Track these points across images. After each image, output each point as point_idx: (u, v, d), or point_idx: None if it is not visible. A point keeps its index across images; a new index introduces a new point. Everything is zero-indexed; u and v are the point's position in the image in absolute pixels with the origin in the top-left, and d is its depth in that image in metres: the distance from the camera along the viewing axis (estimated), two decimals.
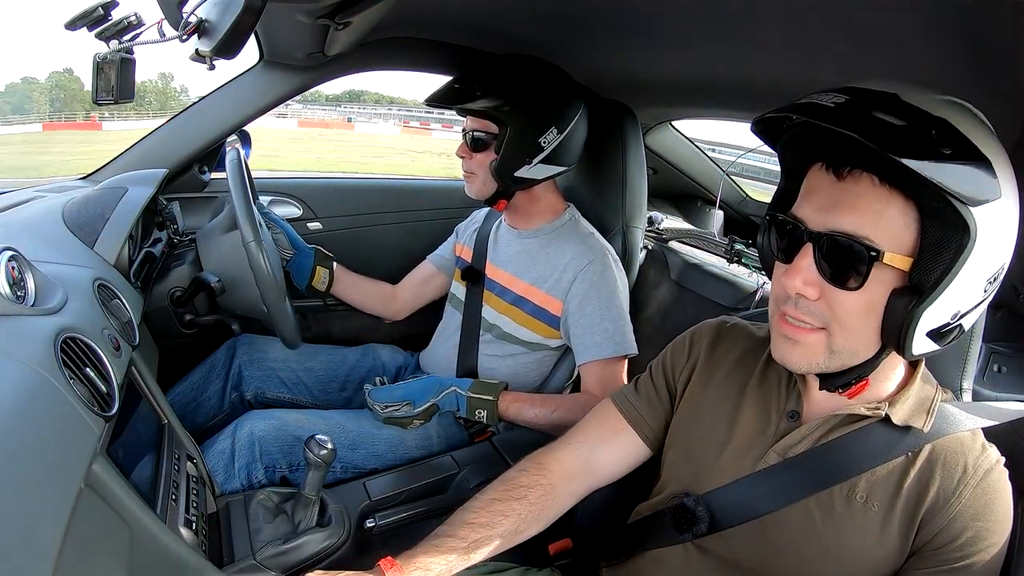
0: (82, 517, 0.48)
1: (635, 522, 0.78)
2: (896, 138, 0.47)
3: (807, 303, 0.56)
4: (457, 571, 0.67)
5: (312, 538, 0.81)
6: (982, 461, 0.59)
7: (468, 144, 1.17)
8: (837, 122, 0.48)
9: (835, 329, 0.56)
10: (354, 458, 1.07)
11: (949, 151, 0.47)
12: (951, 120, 0.49)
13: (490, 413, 1.10)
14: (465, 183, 1.22)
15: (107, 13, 0.87)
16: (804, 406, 0.67)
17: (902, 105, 0.49)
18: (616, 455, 0.78)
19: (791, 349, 0.59)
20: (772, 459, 0.65)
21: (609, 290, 1.15)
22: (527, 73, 1.14)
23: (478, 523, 0.69)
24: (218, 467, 1.00)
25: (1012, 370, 1.02)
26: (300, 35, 1.00)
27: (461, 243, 1.40)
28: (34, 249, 0.77)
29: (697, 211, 2.10)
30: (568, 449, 0.78)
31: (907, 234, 0.52)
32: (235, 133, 1.34)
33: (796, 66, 0.89)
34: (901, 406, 0.61)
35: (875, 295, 0.54)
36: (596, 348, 1.13)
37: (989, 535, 0.56)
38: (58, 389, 0.53)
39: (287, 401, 1.28)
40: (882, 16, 0.64)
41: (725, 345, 0.75)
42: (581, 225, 1.24)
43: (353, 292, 1.42)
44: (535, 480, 0.74)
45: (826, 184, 0.54)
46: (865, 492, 0.60)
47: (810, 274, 0.55)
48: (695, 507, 0.66)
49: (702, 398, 0.74)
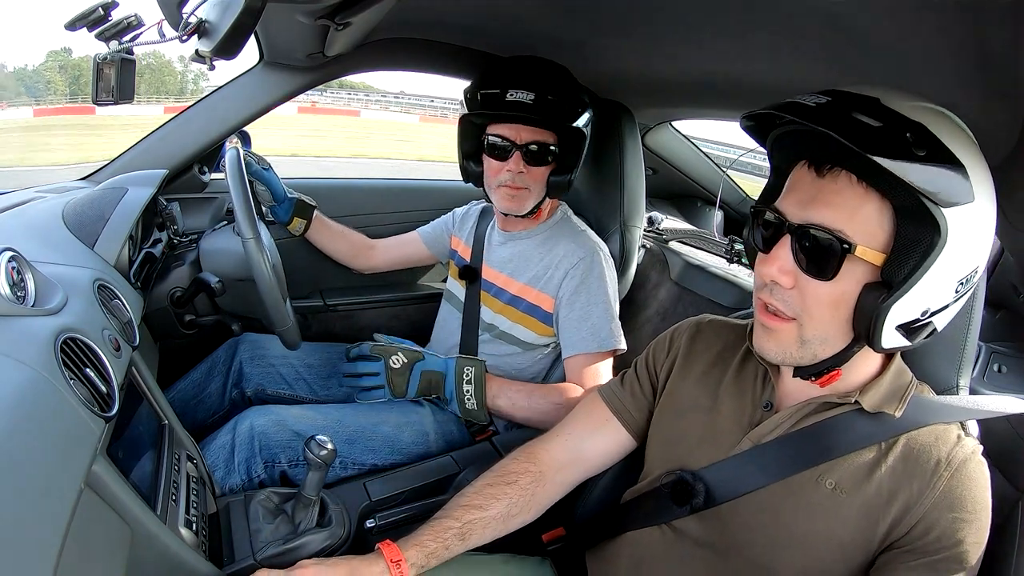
0: (82, 517, 0.48)
1: (623, 505, 0.80)
2: (872, 138, 0.49)
3: (781, 291, 0.59)
4: (454, 553, 0.71)
5: (312, 538, 0.81)
6: (957, 452, 0.60)
7: (525, 158, 1.10)
8: (817, 121, 0.51)
9: (805, 319, 0.59)
10: (351, 452, 1.07)
11: (923, 153, 0.50)
12: (928, 125, 0.51)
13: (478, 376, 1.09)
14: (508, 199, 1.15)
15: (107, 13, 0.87)
16: (778, 397, 0.69)
17: (881, 108, 0.52)
18: (603, 445, 0.82)
19: (767, 339, 0.62)
20: (745, 446, 0.68)
21: (597, 286, 1.15)
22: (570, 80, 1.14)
23: (472, 505, 0.74)
24: (218, 462, 1.01)
25: (1012, 370, 1.03)
26: (300, 35, 1.00)
27: (459, 237, 1.40)
28: (34, 250, 0.77)
29: (697, 211, 2.11)
30: (557, 440, 0.83)
31: (881, 232, 0.55)
32: (235, 133, 1.34)
33: (795, 67, 0.89)
34: (873, 393, 0.63)
35: (846, 288, 0.56)
36: (581, 343, 1.13)
37: (966, 526, 0.57)
38: (58, 389, 0.53)
39: (287, 397, 1.29)
40: (880, 17, 0.64)
41: (704, 341, 0.79)
42: (572, 223, 1.25)
43: (329, 245, 1.47)
44: (525, 467, 0.79)
45: (807, 180, 0.57)
46: (835, 479, 0.62)
47: (786, 263, 0.58)
48: (694, 482, 0.69)
49: (682, 391, 0.77)
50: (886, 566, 0.59)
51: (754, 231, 0.63)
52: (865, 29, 0.68)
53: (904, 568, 0.58)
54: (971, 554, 0.57)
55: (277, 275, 1.06)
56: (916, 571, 0.57)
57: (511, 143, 1.11)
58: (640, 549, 0.74)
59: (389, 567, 0.67)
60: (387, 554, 0.69)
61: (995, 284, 1.18)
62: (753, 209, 0.63)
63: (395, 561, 0.68)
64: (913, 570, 0.57)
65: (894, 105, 0.52)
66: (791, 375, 0.67)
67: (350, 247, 1.49)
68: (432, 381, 1.11)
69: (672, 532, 0.72)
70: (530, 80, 1.08)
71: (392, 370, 1.10)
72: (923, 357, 0.71)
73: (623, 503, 0.81)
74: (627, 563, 0.75)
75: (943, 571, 0.57)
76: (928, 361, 0.71)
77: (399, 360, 1.10)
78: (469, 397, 1.09)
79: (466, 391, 1.09)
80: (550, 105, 1.06)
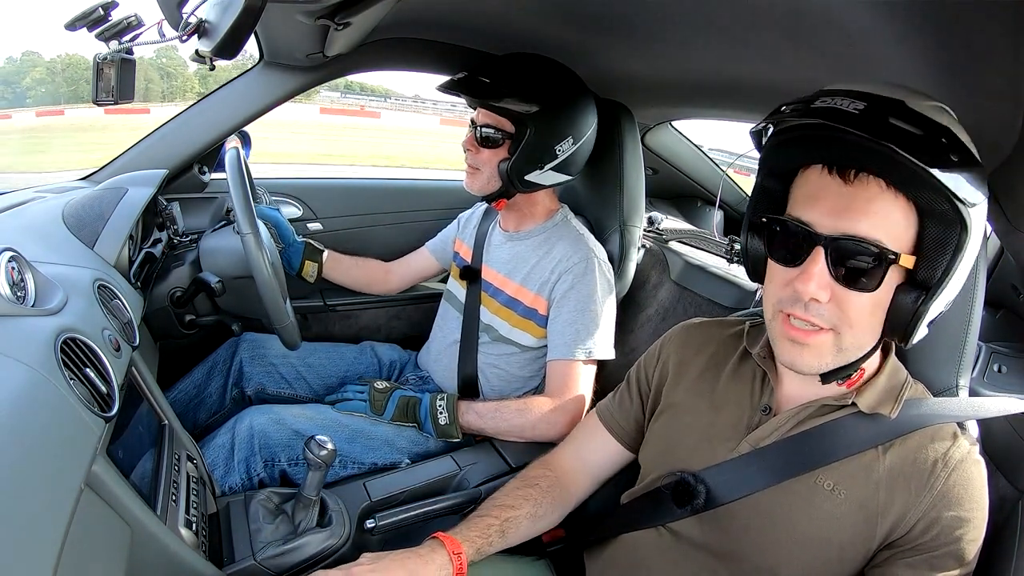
0: (82, 517, 0.48)
1: (621, 507, 0.81)
2: (918, 146, 0.49)
3: (817, 306, 0.57)
4: (496, 549, 0.75)
5: (312, 539, 0.82)
6: (954, 451, 0.60)
7: (477, 139, 1.15)
8: (862, 128, 0.50)
9: (844, 329, 0.57)
10: (351, 451, 1.07)
11: (957, 158, 0.50)
12: (952, 128, 0.52)
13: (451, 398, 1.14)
14: (466, 176, 1.20)
15: (107, 13, 0.87)
16: (777, 401, 0.69)
17: (911, 113, 0.51)
18: (601, 457, 0.86)
19: (800, 353, 0.59)
20: (744, 449, 0.68)
21: (588, 293, 1.15)
22: (554, 78, 1.13)
23: (505, 505, 0.79)
24: (218, 461, 1.01)
25: (1012, 370, 1.03)
26: (300, 35, 1.00)
27: (461, 239, 1.40)
28: (34, 250, 0.77)
29: (697, 211, 2.10)
30: (565, 452, 0.88)
31: (908, 234, 0.55)
32: (235, 133, 1.34)
33: (795, 67, 0.89)
34: (869, 394, 0.63)
35: (884, 294, 0.56)
36: (563, 348, 1.13)
37: (965, 523, 0.58)
38: (58, 389, 0.53)
39: (287, 397, 1.29)
40: (881, 16, 0.64)
41: (694, 345, 0.79)
42: (572, 226, 1.25)
43: (344, 278, 1.49)
44: (543, 472, 0.84)
45: (833, 188, 0.55)
46: (833, 480, 0.62)
47: (823, 278, 0.55)
48: (695, 484, 0.68)
49: (676, 398, 0.77)
50: (885, 563, 0.60)
51: (769, 242, 0.61)
52: (865, 29, 0.68)
53: (903, 564, 0.58)
54: (969, 550, 0.58)
55: (276, 273, 1.06)
56: (915, 568, 0.58)
57: (472, 124, 1.17)
58: (637, 551, 0.75)
59: (451, 559, 0.69)
60: (449, 546, 0.70)
61: (995, 284, 1.19)
62: (764, 219, 0.61)
63: (457, 553, 0.69)
64: (912, 567, 0.58)
65: (918, 107, 0.52)
66: (790, 376, 0.67)
67: (366, 277, 1.51)
68: (409, 403, 1.15)
69: (670, 534, 0.72)
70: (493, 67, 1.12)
71: (375, 390, 1.16)
72: (923, 357, 0.71)
73: (621, 505, 0.81)
74: (624, 565, 0.76)
75: (941, 567, 0.57)
76: (928, 361, 0.71)
77: (383, 383, 1.19)
78: (442, 411, 1.13)
79: (439, 406, 1.13)
80: (477, 84, 1.09)
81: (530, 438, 1.11)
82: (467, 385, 1.25)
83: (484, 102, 1.10)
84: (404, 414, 1.14)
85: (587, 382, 1.14)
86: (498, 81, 1.09)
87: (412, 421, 1.14)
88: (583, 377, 1.14)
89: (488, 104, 1.10)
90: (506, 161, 1.13)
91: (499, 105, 1.08)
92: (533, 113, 1.08)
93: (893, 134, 0.49)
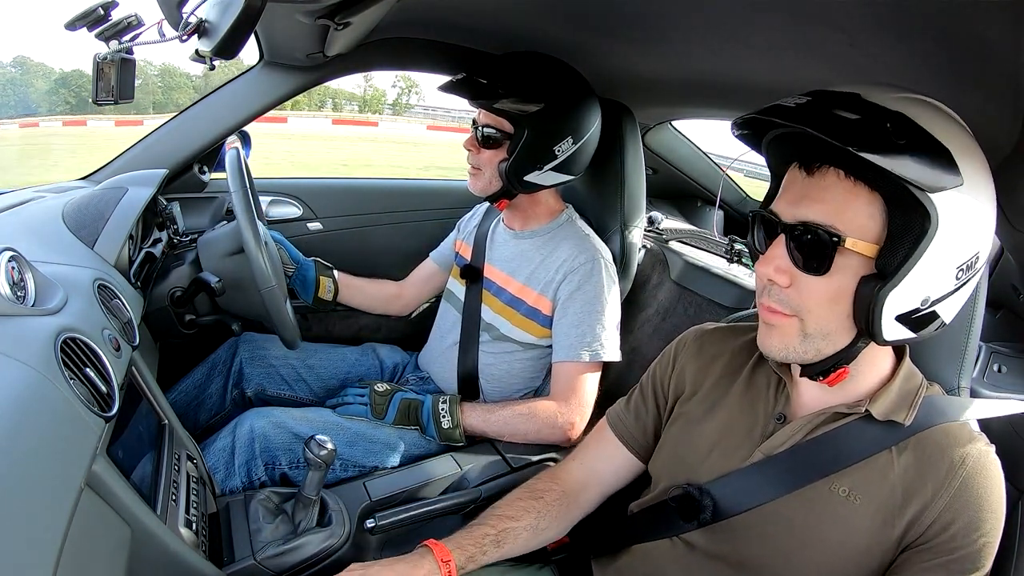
0: (82, 517, 0.48)
1: (630, 517, 0.80)
2: (851, 132, 0.50)
3: (779, 291, 0.59)
4: (490, 559, 0.74)
5: (312, 538, 0.82)
6: (970, 450, 0.59)
7: (478, 139, 1.15)
8: (799, 120, 0.52)
9: (805, 314, 0.59)
10: (353, 454, 1.07)
11: (903, 142, 0.50)
12: (908, 113, 0.52)
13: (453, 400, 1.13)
14: (469, 177, 1.20)
15: (107, 13, 0.87)
16: (791, 409, 0.69)
17: (861, 103, 0.52)
18: (612, 467, 0.84)
19: (769, 333, 0.62)
20: (757, 458, 0.67)
21: (594, 295, 1.14)
22: (554, 78, 1.12)
23: (504, 515, 0.77)
24: (219, 464, 1.01)
25: (1012, 370, 1.02)
26: (300, 35, 1.00)
27: (461, 239, 1.40)
28: (34, 249, 0.77)
29: (697, 211, 2.10)
30: (575, 463, 0.86)
31: (873, 223, 0.55)
32: (235, 133, 1.34)
33: (795, 67, 0.89)
34: (882, 401, 0.63)
35: (842, 282, 0.56)
36: (568, 349, 1.13)
37: (982, 524, 0.57)
38: (58, 389, 0.53)
39: (287, 398, 1.29)
40: (881, 17, 0.64)
41: (710, 352, 0.78)
42: (577, 226, 1.24)
43: (359, 297, 1.45)
44: (550, 486, 0.82)
45: (798, 180, 0.58)
46: (847, 485, 0.62)
47: (781, 262, 0.58)
48: (701, 497, 0.68)
49: (691, 405, 0.76)
50: (901, 567, 0.59)
51: (754, 235, 0.64)
52: (864, 29, 0.68)
53: (919, 569, 0.57)
54: (985, 553, 0.57)
55: (276, 273, 1.06)
56: (931, 571, 0.57)
57: (474, 124, 1.17)
58: (651, 561, 0.73)
59: (439, 566, 0.68)
60: (437, 553, 0.69)
61: (995, 284, 1.18)
62: (752, 213, 0.64)
63: (445, 561, 0.69)
64: (927, 571, 0.57)
65: (874, 98, 0.52)
66: (806, 384, 0.66)
67: (379, 300, 1.48)
68: (411, 406, 1.14)
69: (683, 545, 0.71)
70: (491, 67, 1.11)
71: (376, 393, 1.15)
72: (924, 358, 0.71)
73: (631, 515, 0.80)
74: (637, 575, 0.75)
75: (957, 571, 0.56)
76: (929, 361, 0.71)
77: (383, 385, 1.17)
78: (444, 414, 1.12)
79: (441, 410, 1.12)
80: (475, 85, 1.09)
81: (534, 441, 1.11)
82: (467, 385, 1.25)
83: (481, 102, 1.10)
84: (406, 417, 1.13)
85: (592, 384, 1.14)
86: (495, 82, 1.09)
87: (414, 424, 1.13)
88: (589, 379, 1.13)
89: (485, 105, 1.10)
90: (506, 162, 1.13)
91: (496, 106, 1.08)
92: (531, 113, 1.08)
93: (830, 123, 0.50)
